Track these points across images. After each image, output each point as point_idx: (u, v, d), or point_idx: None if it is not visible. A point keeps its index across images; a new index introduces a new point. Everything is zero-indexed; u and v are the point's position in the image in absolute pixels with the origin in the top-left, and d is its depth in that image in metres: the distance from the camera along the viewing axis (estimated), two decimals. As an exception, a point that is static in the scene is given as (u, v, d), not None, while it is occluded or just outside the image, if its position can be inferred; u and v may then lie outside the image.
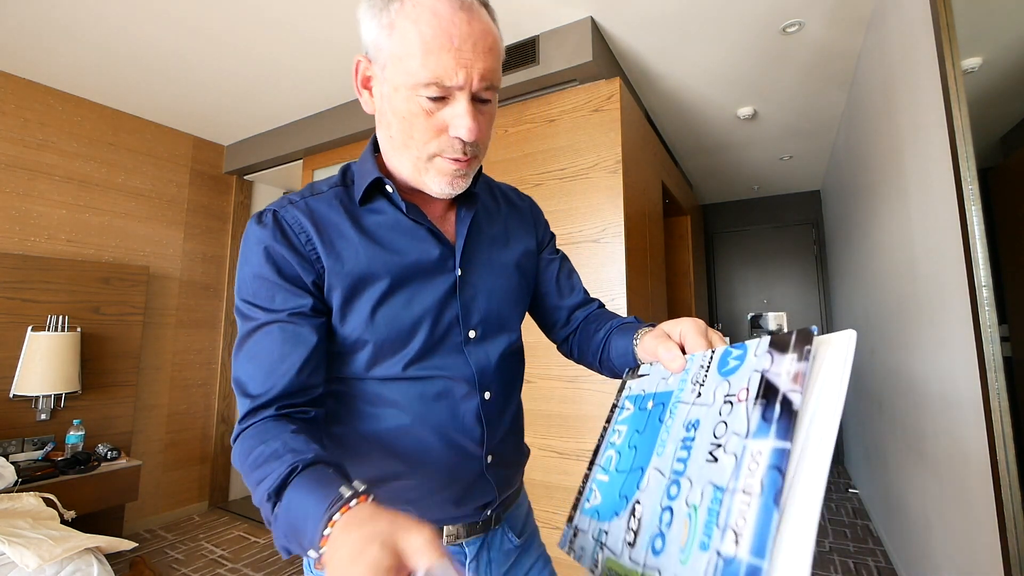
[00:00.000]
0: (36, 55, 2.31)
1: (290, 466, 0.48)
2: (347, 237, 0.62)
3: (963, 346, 1.35)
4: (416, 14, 0.53)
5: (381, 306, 0.62)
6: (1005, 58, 1.54)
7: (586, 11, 2.01)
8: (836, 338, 0.40)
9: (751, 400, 0.41)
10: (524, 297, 0.77)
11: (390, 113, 0.59)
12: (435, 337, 0.65)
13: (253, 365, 0.58)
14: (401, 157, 0.62)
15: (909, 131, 1.69)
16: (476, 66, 0.55)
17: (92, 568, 1.46)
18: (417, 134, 0.58)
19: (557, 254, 0.84)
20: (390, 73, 0.57)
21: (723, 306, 4.83)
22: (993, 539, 1.24)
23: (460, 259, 0.68)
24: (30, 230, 2.50)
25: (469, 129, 0.56)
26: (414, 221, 0.65)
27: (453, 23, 0.53)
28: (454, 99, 0.56)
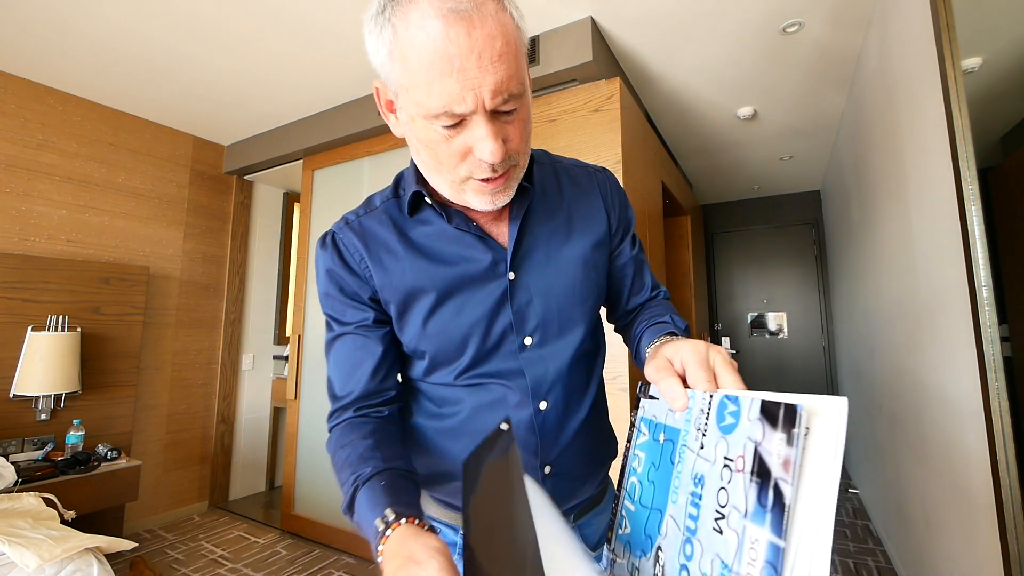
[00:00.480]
0: (36, 55, 2.31)
1: (353, 486, 0.56)
2: (395, 253, 0.64)
3: (963, 346, 1.35)
4: (409, 38, 0.48)
5: (431, 318, 0.64)
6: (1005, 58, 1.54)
7: (586, 11, 2.01)
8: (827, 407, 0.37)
9: (747, 474, 0.40)
10: (592, 291, 0.70)
11: (415, 139, 0.56)
12: (487, 346, 0.64)
13: (336, 370, 0.67)
14: (437, 181, 0.59)
15: (909, 131, 1.69)
16: (485, 83, 0.48)
17: (92, 568, 1.46)
18: (444, 160, 0.54)
19: (633, 247, 0.76)
20: (403, 102, 0.53)
21: (723, 306, 4.83)
22: (993, 539, 1.24)
23: (511, 262, 0.64)
24: (30, 230, 2.50)
25: (492, 152, 0.51)
26: (460, 230, 0.64)
27: (448, 41, 0.46)
28: (471, 122, 0.50)
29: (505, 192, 0.58)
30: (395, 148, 2.69)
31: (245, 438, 3.46)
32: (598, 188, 0.74)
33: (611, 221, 0.73)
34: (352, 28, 2.10)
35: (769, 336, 4.60)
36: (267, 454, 3.61)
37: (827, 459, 0.36)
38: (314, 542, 2.72)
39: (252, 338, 3.54)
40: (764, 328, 4.62)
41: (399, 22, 0.48)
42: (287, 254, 3.82)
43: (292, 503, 2.87)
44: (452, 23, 0.46)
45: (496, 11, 0.48)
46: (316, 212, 3.03)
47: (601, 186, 0.74)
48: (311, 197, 3.05)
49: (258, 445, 3.55)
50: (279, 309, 3.73)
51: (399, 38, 0.49)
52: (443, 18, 0.46)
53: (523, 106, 0.54)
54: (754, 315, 4.68)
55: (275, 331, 3.70)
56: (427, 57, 0.47)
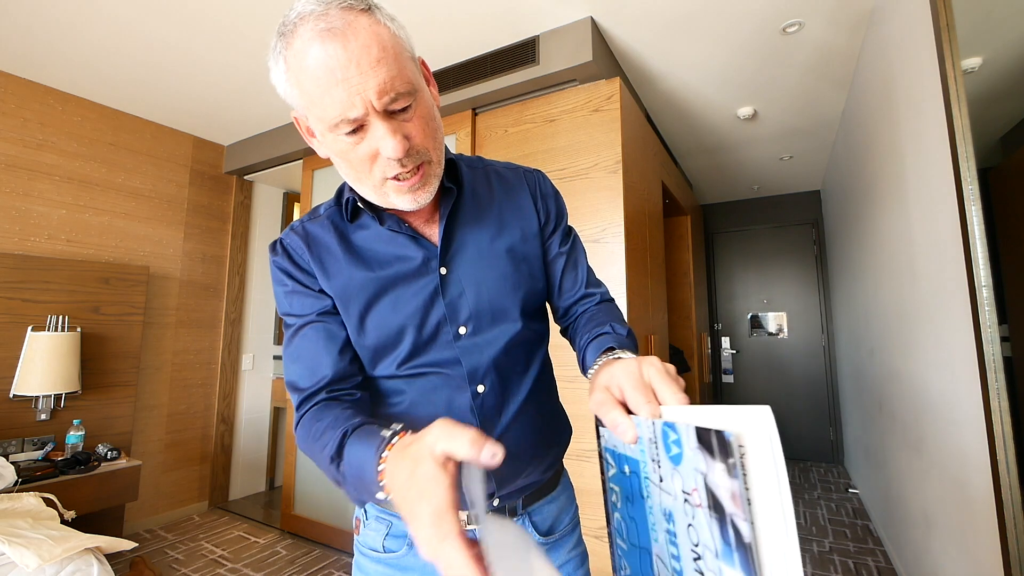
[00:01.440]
0: (36, 55, 2.31)
1: (343, 431, 0.56)
2: (334, 255, 0.69)
3: (963, 346, 1.35)
4: (298, 63, 0.53)
5: (368, 313, 0.68)
6: (1005, 58, 1.54)
7: (586, 11, 2.01)
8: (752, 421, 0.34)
9: (706, 508, 0.37)
10: (524, 282, 0.74)
11: (332, 154, 0.60)
12: (423, 338, 0.68)
13: (299, 365, 0.67)
14: (361, 189, 0.63)
15: (909, 131, 1.69)
16: (368, 86, 0.52)
17: (92, 568, 1.46)
18: (357, 167, 0.58)
19: (565, 245, 0.79)
20: (312, 123, 0.58)
21: (723, 306, 4.83)
22: (993, 539, 1.24)
23: (442, 258, 0.69)
24: (30, 230, 2.50)
25: (394, 147, 0.55)
26: (392, 231, 0.69)
27: (328, 56, 0.51)
28: (370, 126, 0.55)
29: (425, 189, 0.62)
30: (395, 148, 2.69)
31: (245, 438, 3.46)
32: (527, 186, 0.78)
33: (540, 216, 0.77)
34: (352, 28, 2.10)
35: (769, 336, 4.60)
36: (267, 454, 3.61)
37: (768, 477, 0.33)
38: (314, 542, 2.72)
39: (252, 338, 3.54)
40: (764, 328, 4.62)
41: (287, 52, 0.54)
42: (287, 254, 3.81)
43: (292, 503, 2.87)
44: (327, 40, 0.51)
45: (369, 24, 0.53)
46: (316, 212, 3.03)
47: (531, 184, 0.79)
48: (311, 197, 3.05)
49: (258, 445, 3.55)
50: (279, 309, 3.73)
51: (291, 66, 0.54)
52: (319, 38, 0.51)
53: (419, 104, 0.58)
54: (754, 315, 4.68)
55: (275, 331, 3.70)
56: (313, 74, 0.52)
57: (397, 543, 0.72)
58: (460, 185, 0.72)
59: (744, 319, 4.72)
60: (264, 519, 3.04)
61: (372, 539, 0.73)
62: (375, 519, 0.74)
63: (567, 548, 0.78)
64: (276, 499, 3.39)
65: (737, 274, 4.80)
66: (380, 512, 0.74)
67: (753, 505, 0.34)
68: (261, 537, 2.78)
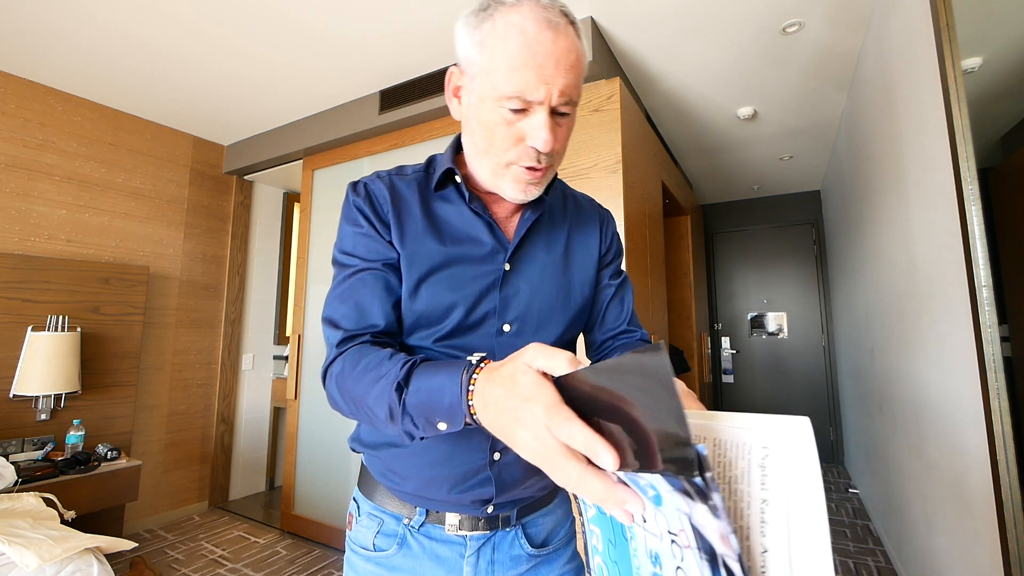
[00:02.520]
0: (36, 55, 2.31)
1: (410, 360, 0.55)
2: (413, 215, 0.70)
3: (963, 346, 1.35)
4: (505, 32, 0.57)
5: (423, 283, 0.68)
6: (1005, 58, 1.54)
7: (586, 11, 2.01)
8: (786, 433, 0.31)
9: (696, 550, 0.35)
10: (573, 305, 0.76)
11: (475, 121, 0.63)
12: (468, 322, 0.68)
13: (347, 306, 0.66)
14: (482, 162, 0.66)
15: (909, 131, 1.69)
16: (557, 82, 0.57)
17: (92, 568, 1.46)
18: (497, 142, 0.62)
19: (616, 279, 0.82)
20: (478, 85, 0.61)
21: (723, 306, 4.83)
22: (993, 539, 1.24)
23: (511, 255, 0.71)
24: (30, 230, 2.50)
25: (545, 141, 0.59)
26: (475, 213, 0.70)
27: (538, 41, 0.56)
28: (533, 112, 0.59)
29: (537, 186, 0.66)
30: (395, 148, 2.69)
31: (245, 438, 3.46)
32: (598, 218, 0.83)
33: (601, 248, 0.81)
34: (351, 31, 2.10)
35: (769, 336, 4.60)
36: (267, 454, 3.61)
37: (804, 492, 0.31)
38: (314, 542, 2.72)
39: (252, 338, 3.54)
40: (764, 328, 4.62)
41: (500, 18, 0.58)
42: (287, 254, 3.82)
43: (292, 503, 2.87)
44: (544, 28, 0.57)
45: (574, 34, 0.60)
46: (316, 212, 3.03)
47: (601, 218, 0.84)
48: (311, 197, 3.05)
49: (258, 445, 3.55)
50: (279, 309, 3.73)
51: (496, 31, 0.58)
52: (538, 23, 0.57)
53: (572, 118, 0.64)
54: (754, 315, 4.68)
55: (275, 331, 3.70)
56: (516, 49, 0.56)
57: (387, 542, 0.71)
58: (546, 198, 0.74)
59: (744, 319, 4.72)
60: (264, 519, 3.04)
61: (363, 536, 0.73)
62: (367, 516, 0.73)
63: (561, 562, 0.77)
64: (276, 499, 3.39)
65: (737, 274, 4.80)
66: (373, 509, 0.73)
67: (786, 523, 0.32)
68: (261, 537, 2.78)
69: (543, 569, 0.75)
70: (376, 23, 2.07)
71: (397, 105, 2.55)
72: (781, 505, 0.33)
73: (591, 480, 0.38)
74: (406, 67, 2.42)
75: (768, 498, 0.34)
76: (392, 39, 2.19)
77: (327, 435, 2.81)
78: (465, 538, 0.70)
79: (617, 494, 0.38)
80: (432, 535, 0.70)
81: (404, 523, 0.71)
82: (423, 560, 0.70)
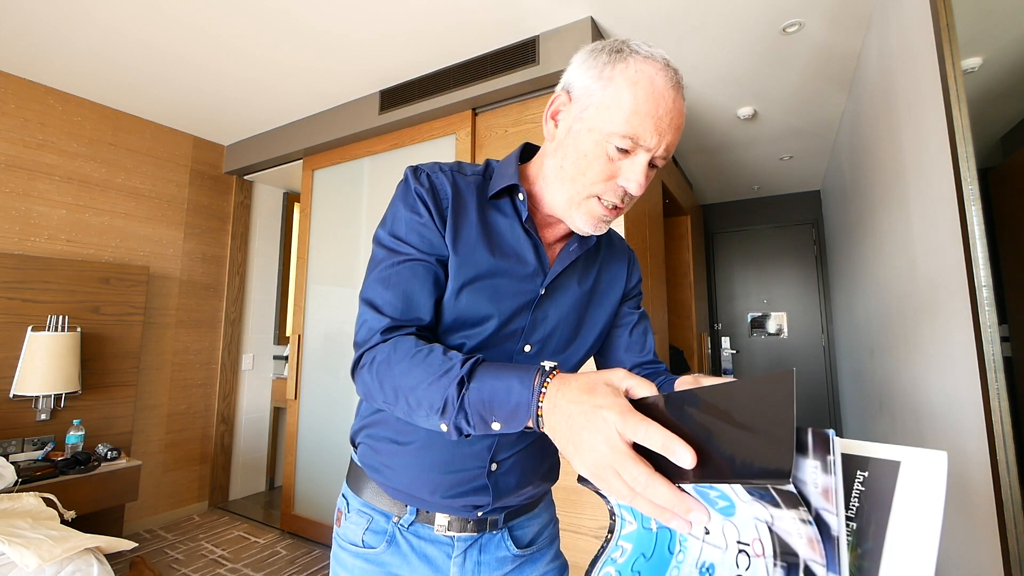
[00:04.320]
0: (36, 55, 2.31)
1: (473, 359, 0.56)
2: (470, 220, 0.70)
3: (963, 346, 1.35)
4: (637, 78, 0.60)
5: (467, 287, 0.68)
6: (1005, 58, 1.54)
7: (586, 11, 2.00)
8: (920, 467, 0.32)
9: (770, 559, 0.35)
10: (587, 340, 0.79)
11: (572, 148, 0.65)
12: (499, 335, 0.70)
13: (393, 292, 0.65)
14: (562, 187, 0.67)
15: (909, 131, 1.69)
16: (667, 137, 0.61)
17: (92, 568, 1.46)
18: (590, 174, 0.63)
19: (637, 310, 0.87)
20: (590, 115, 0.63)
21: (723, 306, 4.83)
22: (993, 539, 1.24)
23: (549, 281, 0.72)
24: (30, 230, 2.50)
25: (638, 187, 0.62)
26: (526, 232, 0.72)
27: (664, 96, 0.60)
28: (636, 155, 0.62)
29: (607, 224, 0.69)
30: (395, 148, 2.69)
31: (245, 438, 3.46)
32: (627, 258, 0.87)
33: (627, 286, 0.85)
34: (351, 31, 2.10)
35: (769, 336, 4.60)
36: (267, 454, 3.61)
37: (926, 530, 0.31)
38: (314, 542, 2.72)
39: (252, 338, 3.54)
40: (764, 328, 4.62)
41: (634, 64, 0.61)
42: (287, 254, 3.82)
43: (292, 503, 2.87)
44: (670, 88, 0.61)
45: (682, 101, 0.64)
46: (316, 212, 3.03)
47: (629, 258, 0.88)
48: (311, 197, 3.05)
49: (258, 445, 3.55)
50: (279, 309, 3.73)
51: (628, 72, 0.61)
52: (667, 80, 0.61)
53: (659, 170, 0.66)
54: (754, 315, 4.68)
55: (275, 331, 3.70)
56: (643, 96, 0.60)
57: (376, 539, 0.72)
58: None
59: (744, 319, 4.72)
60: (264, 519, 3.04)
61: (352, 533, 0.74)
62: (357, 512, 0.74)
63: (545, 561, 0.80)
64: (276, 499, 3.39)
65: (737, 274, 4.80)
66: (362, 506, 0.74)
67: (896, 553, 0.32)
68: (261, 537, 2.78)
69: (527, 568, 0.77)
70: (376, 23, 2.07)
71: (397, 105, 2.55)
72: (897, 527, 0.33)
73: (658, 485, 0.38)
74: (406, 67, 2.42)
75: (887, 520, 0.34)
76: (392, 39, 2.19)
77: (327, 435, 2.81)
78: (453, 539, 0.71)
79: (685, 501, 0.38)
80: (421, 534, 0.72)
81: (394, 521, 0.72)
82: (411, 558, 0.71)
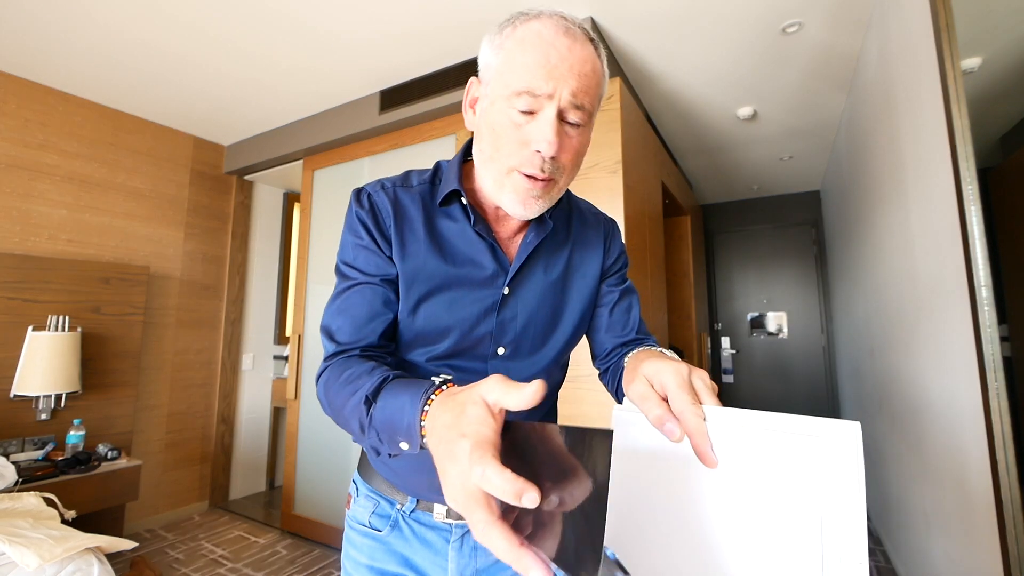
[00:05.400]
0: (36, 55, 2.31)
1: (382, 376, 0.55)
2: (416, 234, 0.69)
3: (963, 346, 1.35)
4: (523, 35, 0.59)
5: (422, 303, 0.68)
6: (1005, 58, 1.54)
7: (586, 11, 2.01)
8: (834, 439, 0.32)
9: None
10: (568, 326, 0.76)
11: (484, 126, 0.63)
12: (464, 344, 0.69)
13: (344, 318, 0.66)
14: (487, 170, 0.65)
15: (909, 131, 1.69)
16: (567, 83, 0.57)
17: (92, 568, 1.46)
18: (503, 146, 0.60)
19: (621, 285, 0.82)
20: (491, 87, 0.62)
21: (723, 306, 4.83)
22: (993, 539, 1.24)
23: (511, 279, 0.70)
24: (30, 230, 2.50)
25: (549, 143, 0.57)
26: (478, 235, 0.69)
27: (554, 45, 0.57)
28: (542, 114, 0.58)
29: (539, 201, 0.63)
30: (395, 148, 2.69)
31: (245, 438, 3.46)
32: (602, 231, 0.81)
33: (605, 263, 0.80)
34: (351, 31, 2.10)
35: (769, 336, 4.60)
36: (267, 454, 3.61)
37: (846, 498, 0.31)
38: (314, 542, 2.72)
39: (252, 338, 3.54)
40: (764, 328, 4.62)
41: (520, 26, 0.60)
42: (287, 254, 3.82)
43: (292, 503, 2.87)
44: (562, 35, 0.58)
45: (593, 51, 0.61)
46: (316, 212, 3.03)
47: (605, 231, 0.82)
48: (311, 197, 3.05)
49: (258, 445, 3.55)
50: (279, 309, 3.73)
51: (515, 36, 0.59)
52: (556, 29, 0.58)
53: (583, 132, 0.62)
54: (754, 315, 4.68)
55: (275, 331, 3.70)
56: (531, 49, 0.57)
57: (381, 522, 0.76)
58: (552, 220, 0.73)
59: (744, 319, 4.72)
60: (264, 519, 3.04)
61: (360, 514, 0.78)
62: (364, 496, 0.78)
63: None
64: (276, 499, 3.39)
65: (737, 274, 4.80)
66: (369, 491, 0.78)
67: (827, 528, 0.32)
68: (261, 537, 2.78)
69: None
70: (376, 23, 2.07)
71: (397, 105, 2.55)
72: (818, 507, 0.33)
73: (496, 535, 0.33)
74: (406, 67, 2.42)
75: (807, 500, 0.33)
76: (392, 39, 2.19)
77: (327, 435, 2.81)
78: (451, 525, 0.74)
79: (522, 559, 0.32)
80: (421, 520, 0.75)
81: (397, 507, 0.76)
82: (412, 542, 0.75)
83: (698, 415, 0.44)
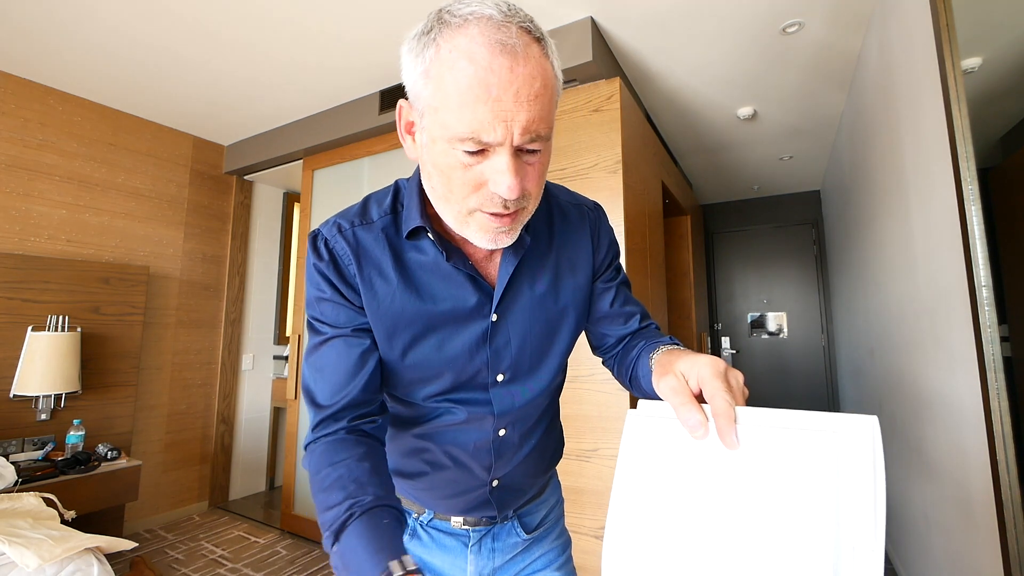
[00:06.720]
0: (36, 55, 2.31)
1: (348, 511, 0.51)
2: (386, 277, 0.63)
3: (963, 346, 1.35)
4: (452, 60, 0.48)
5: (411, 349, 0.64)
6: (1005, 58, 1.54)
7: (586, 11, 2.00)
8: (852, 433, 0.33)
9: None
10: (568, 333, 0.73)
11: (430, 164, 0.55)
12: (461, 379, 0.67)
13: (321, 377, 0.61)
14: (443, 209, 0.58)
15: (909, 131, 1.69)
16: (518, 119, 0.48)
17: (92, 568, 1.46)
18: (456, 188, 0.53)
19: (615, 279, 0.77)
20: (428, 123, 0.52)
21: (723, 306, 4.83)
22: (993, 539, 1.24)
23: (497, 305, 0.65)
24: (30, 230, 2.50)
25: (510, 187, 0.50)
26: (454, 267, 0.63)
27: (491, 71, 0.47)
28: (494, 154, 0.50)
29: (509, 234, 0.58)
30: (395, 148, 2.69)
31: (245, 438, 3.46)
32: (588, 226, 0.75)
33: (596, 258, 0.75)
34: (350, 31, 2.10)
35: (769, 336, 4.60)
36: (267, 454, 3.61)
37: (866, 491, 0.32)
38: (314, 542, 2.72)
39: (252, 338, 3.54)
40: (764, 328, 4.62)
41: (444, 44, 0.49)
42: (287, 254, 3.82)
43: (292, 503, 2.87)
44: (499, 54, 0.47)
45: (539, 55, 0.50)
46: (316, 212, 3.03)
47: (592, 224, 0.75)
48: (311, 197, 3.05)
49: (258, 445, 3.55)
50: (279, 309, 3.73)
51: (441, 58, 0.49)
52: (490, 48, 0.47)
53: (545, 151, 0.54)
54: (754, 315, 4.68)
55: (275, 331, 3.70)
56: (465, 81, 0.47)
57: None
58: (529, 233, 0.67)
59: (744, 319, 4.72)
60: (264, 519, 3.04)
61: None
62: None
63: (551, 538, 0.84)
64: (276, 499, 3.39)
65: (737, 274, 4.80)
66: None
67: (844, 520, 0.33)
68: (261, 537, 2.78)
69: (535, 548, 0.82)
70: (376, 23, 2.07)
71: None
72: (835, 500, 0.33)
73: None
74: (406, 67, 2.42)
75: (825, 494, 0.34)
76: (392, 39, 2.19)
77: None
78: (468, 531, 0.77)
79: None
80: (439, 527, 0.77)
81: (414, 517, 0.77)
82: (432, 548, 0.77)
83: (727, 400, 0.44)
